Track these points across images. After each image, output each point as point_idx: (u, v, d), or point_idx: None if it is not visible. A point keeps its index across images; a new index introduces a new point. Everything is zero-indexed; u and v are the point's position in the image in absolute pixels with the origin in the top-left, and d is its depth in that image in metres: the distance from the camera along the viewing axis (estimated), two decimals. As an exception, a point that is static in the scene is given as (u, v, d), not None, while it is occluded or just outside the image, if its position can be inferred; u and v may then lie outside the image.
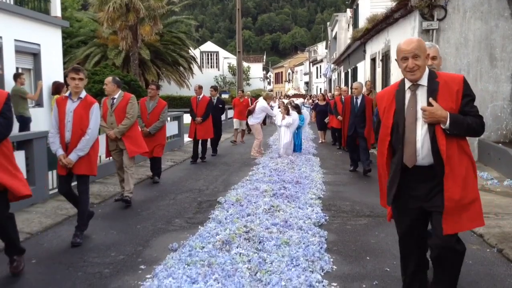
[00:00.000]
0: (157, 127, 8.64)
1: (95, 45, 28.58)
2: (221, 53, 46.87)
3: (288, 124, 11.67)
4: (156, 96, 8.86)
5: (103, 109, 6.99)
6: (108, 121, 7.01)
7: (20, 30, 11.81)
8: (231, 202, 6.74)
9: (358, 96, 9.57)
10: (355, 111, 9.49)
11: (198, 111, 11.21)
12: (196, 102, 11.30)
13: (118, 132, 6.91)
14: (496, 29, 10.37)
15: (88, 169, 5.34)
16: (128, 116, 6.94)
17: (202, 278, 3.95)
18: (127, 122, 6.92)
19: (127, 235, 5.51)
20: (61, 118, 5.21)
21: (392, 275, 4.21)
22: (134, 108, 7.04)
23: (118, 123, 6.92)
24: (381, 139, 3.39)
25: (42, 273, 4.32)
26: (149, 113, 8.67)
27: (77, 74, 5.16)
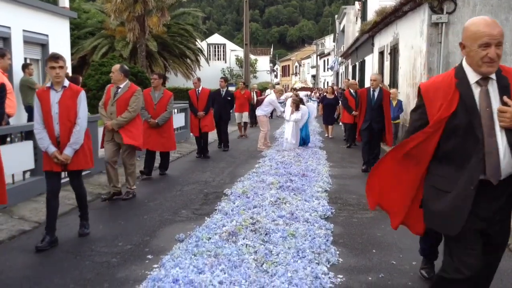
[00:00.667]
0: (165, 118, 8.39)
1: (102, 36, 28.59)
2: (228, 46, 46.79)
3: (296, 120, 11.44)
4: (160, 86, 8.52)
5: (106, 97, 6.77)
6: (108, 111, 6.70)
7: (28, 21, 11.83)
8: (238, 194, 6.76)
9: (376, 89, 8.88)
10: (371, 104, 8.82)
11: (200, 105, 10.66)
12: (196, 96, 10.71)
13: (116, 124, 6.58)
14: (506, 23, 10.26)
15: (84, 163, 5.07)
16: (130, 109, 6.61)
17: (208, 269, 3.98)
18: (127, 115, 6.60)
19: (134, 225, 5.55)
20: (46, 110, 4.78)
21: (398, 268, 4.22)
22: (138, 102, 6.73)
23: (118, 114, 6.61)
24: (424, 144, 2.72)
25: (50, 262, 4.36)
26: (156, 103, 8.36)
27: (56, 63, 4.71)
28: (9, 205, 6.05)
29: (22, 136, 6.85)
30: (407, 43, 12.32)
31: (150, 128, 8.24)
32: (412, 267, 4.25)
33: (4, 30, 10.97)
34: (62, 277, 3.99)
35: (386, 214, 5.93)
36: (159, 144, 8.43)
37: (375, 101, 8.78)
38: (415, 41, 11.48)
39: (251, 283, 3.72)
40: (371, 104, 8.79)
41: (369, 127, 8.84)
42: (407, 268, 4.22)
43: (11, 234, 5.12)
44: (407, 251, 4.66)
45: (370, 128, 8.85)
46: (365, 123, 8.90)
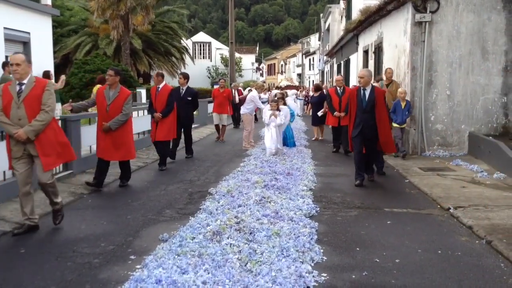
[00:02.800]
0: (119, 121, 7.14)
1: (86, 34, 28.31)
2: (213, 44, 46.67)
3: (278, 124, 10.19)
4: (117, 84, 7.34)
5: (3, 99, 5.10)
6: (13, 116, 5.05)
7: (9, 18, 11.66)
8: (222, 193, 6.73)
9: (367, 87, 7.62)
10: (362, 106, 7.53)
11: (157, 105, 9.07)
12: (155, 94, 9.18)
13: (31, 130, 5.01)
14: (488, 22, 10.39)
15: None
16: (46, 108, 5.10)
17: (192, 269, 3.95)
18: (44, 117, 5.07)
19: (117, 225, 5.49)
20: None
21: (382, 266, 4.23)
22: (53, 98, 5.27)
23: (30, 119, 5.05)
24: None
25: (30, 263, 4.29)
26: (109, 104, 7.21)
27: None
28: (-11, 205, 5.95)
29: (2, 135, 6.73)
30: (391, 42, 12.40)
31: (103, 132, 7.21)
32: (395, 264, 4.27)
33: (-16, 28, 10.80)
34: (43, 278, 3.92)
35: (370, 212, 6.01)
36: (112, 152, 7.30)
37: (367, 102, 7.53)
38: (399, 40, 11.56)
39: (235, 282, 3.70)
40: (362, 106, 7.56)
41: (362, 134, 7.57)
42: (390, 266, 4.23)
43: (-6, 233, 5.03)
44: (391, 249, 4.69)
45: (362, 135, 7.58)
46: (356, 128, 7.61)
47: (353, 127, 7.67)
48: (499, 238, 4.88)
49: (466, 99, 10.50)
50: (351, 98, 7.84)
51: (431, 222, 5.71)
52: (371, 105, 7.53)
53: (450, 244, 4.85)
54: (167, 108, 9.05)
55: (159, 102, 9.06)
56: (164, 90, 9.12)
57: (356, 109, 7.63)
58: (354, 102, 7.69)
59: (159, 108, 9.04)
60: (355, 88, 7.99)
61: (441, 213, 6.06)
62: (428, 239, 4.99)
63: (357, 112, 7.61)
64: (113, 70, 7.39)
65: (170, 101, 9.09)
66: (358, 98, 7.63)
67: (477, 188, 7.24)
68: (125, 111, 7.26)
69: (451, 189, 7.15)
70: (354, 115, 7.67)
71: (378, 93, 7.74)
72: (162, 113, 8.99)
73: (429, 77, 10.49)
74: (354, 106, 7.68)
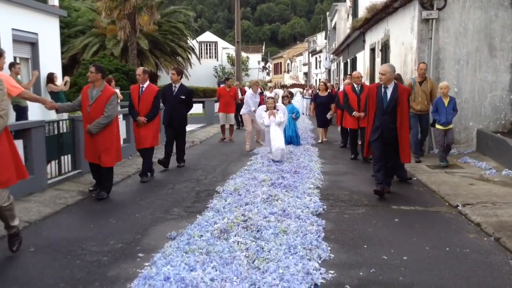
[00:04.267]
0: (99, 125, 6.47)
1: (93, 35, 28.41)
2: (220, 43, 46.65)
3: (279, 122, 9.62)
4: (101, 82, 6.66)
5: None
6: None
7: (17, 19, 11.71)
8: (229, 191, 6.75)
9: (388, 85, 6.61)
10: (382, 106, 6.58)
11: (141, 107, 7.94)
12: (138, 94, 8.03)
13: None
14: (495, 19, 10.33)
15: None
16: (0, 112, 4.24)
17: (200, 266, 3.97)
18: None
19: (126, 223, 5.52)
20: None
21: (389, 263, 4.23)
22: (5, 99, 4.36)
23: None
24: None
25: (40, 261, 4.33)
26: (90, 104, 6.57)
27: None
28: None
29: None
30: (398, 40, 12.36)
31: (87, 134, 6.69)
32: (403, 262, 4.26)
33: (-7, 29, 10.87)
34: (52, 277, 3.96)
35: (377, 210, 6.00)
36: (96, 156, 6.69)
37: (388, 102, 6.56)
38: (406, 37, 11.52)
39: (243, 279, 3.71)
40: (382, 107, 6.60)
41: (381, 138, 6.66)
42: (398, 263, 4.23)
43: (0, 234, 5.07)
44: (398, 246, 4.68)
45: (382, 139, 6.66)
46: (374, 132, 6.69)
47: (371, 130, 6.75)
48: (507, 235, 4.85)
49: (473, 96, 10.44)
50: (370, 97, 6.83)
51: (439, 219, 5.69)
52: (393, 106, 6.54)
53: (458, 241, 4.84)
54: (153, 111, 8.00)
55: (143, 103, 7.96)
56: (150, 91, 8.02)
57: (375, 110, 6.69)
58: (374, 102, 6.70)
59: (143, 110, 7.94)
60: (375, 85, 6.97)
61: (449, 211, 6.04)
62: (436, 236, 4.98)
63: (376, 113, 6.65)
64: (95, 66, 6.75)
65: (156, 103, 8.06)
66: (378, 97, 6.63)
67: (485, 185, 7.21)
68: (107, 112, 6.51)
69: (459, 187, 7.12)
70: (373, 117, 6.71)
71: (402, 92, 6.65)
72: (147, 117, 7.91)
73: (436, 74, 10.44)
74: (373, 107, 6.71)
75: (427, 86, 9.37)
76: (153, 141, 8.16)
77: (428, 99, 9.31)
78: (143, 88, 8.02)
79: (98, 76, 6.64)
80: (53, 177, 7.52)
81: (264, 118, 9.63)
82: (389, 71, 6.59)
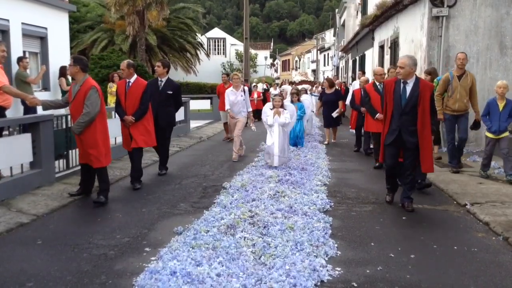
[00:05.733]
0: (80, 124, 5.87)
1: (102, 30, 28.46)
2: (228, 40, 46.64)
3: (283, 124, 8.53)
4: (81, 76, 5.99)
5: None
6: None
7: (27, 14, 11.76)
8: (236, 187, 6.75)
9: (408, 81, 5.73)
10: (400, 105, 5.73)
11: (128, 104, 7.06)
12: (125, 90, 7.14)
13: None
14: (507, 17, 10.23)
15: None
16: None
17: (206, 261, 3.97)
18: None
19: (133, 218, 5.53)
20: None
21: (396, 261, 4.20)
22: None
23: None
24: None
25: (47, 254, 4.35)
26: (71, 102, 6.07)
27: None
28: (7, 197, 6.05)
29: (20, 128, 6.84)
30: (407, 37, 12.27)
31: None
32: (410, 260, 4.23)
33: (3, 23, 10.91)
34: (59, 269, 3.98)
35: (385, 207, 5.97)
36: (84, 156, 6.22)
37: (407, 100, 5.70)
38: (416, 34, 11.44)
39: (249, 275, 3.71)
40: (399, 105, 5.75)
41: (398, 141, 5.81)
42: (405, 261, 4.20)
43: (8, 227, 5.11)
44: (406, 244, 4.66)
45: (399, 143, 5.82)
46: (390, 134, 5.84)
47: (387, 132, 5.90)
48: (516, 234, 4.81)
49: (483, 95, 10.32)
50: (387, 93, 5.94)
51: (447, 218, 5.65)
52: (412, 105, 5.68)
53: (466, 240, 4.80)
54: (141, 108, 7.11)
55: (130, 100, 7.07)
56: (137, 86, 7.12)
57: (392, 109, 5.84)
58: (391, 99, 5.85)
59: (130, 108, 7.06)
60: (392, 80, 6.03)
61: (457, 209, 5.99)
62: (444, 235, 4.94)
63: (394, 113, 5.82)
64: (73, 58, 6.11)
65: (145, 99, 7.12)
66: (396, 94, 5.79)
67: (494, 185, 7.14)
68: (86, 109, 5.86)
69: (467, 185, 7.06)
70: (390, 117, 5.87)
71: (424, 88, 5.72)
72: (135, 115, 7.04)
73: (446, 72, 10.34)
74: (390, 105, 5.86)
75: (467, 81, 7.91)
76: (149, 139, 7.30)
77: (468, 97, 7.97)
78: (130, 83, 7.12)
79: (76, 69, 5.97)
80: (61, 171, 7.56)
81: (269, 116, 8.60)
82: (409, 64, 5.67)
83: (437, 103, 7.71)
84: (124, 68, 7.14)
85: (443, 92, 8.13)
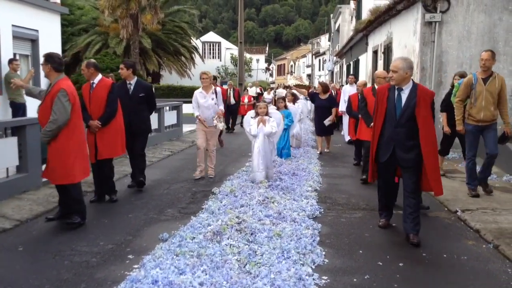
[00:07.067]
0: (46, 133, 5.10)
1: (96, 33, 28.36)
2: (223, 44, 46.67)
3: (269, 133, 7.50)
4: (54, 76, 5.25)
5: None
6: None
7: (18, 16, 11.66)
8: (226, 192, 6.65)
9: (404, 87, 4.85)
10: (395, 115, 4.87)
11: (93, 107, 6.27)
12: (89, 92, 6.35)
13: None
14: (499, 23, 10.22)
15: None
16: None
17: (190, 269, 3.87)
18: None
19: (118, 224, 5.43)
20: None
21: (385, 270, 4.12)
22: None
23: None
24: None
25: (27, 261, 4.25)
26: (39, 105, 5.32)
27: None
28: (-9, 202, 5.93)
29: (5, 132, 6.72)
30: (401, 42, 12.25)
31: None
32: (399, 268, 4.16)
33: (-7, 25, 10.82)
34: (38, 277, 3.87)
35: (375, 214, 5.89)
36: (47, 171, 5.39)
37: (402, 110, 4.83)
38: (409, 40, 11.41)
39: (233, 284, 3.62)
40: (393, 116, 4.89)
41: (392, 159, 4.94)
42: (393, 270, 4.13)
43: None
44: (395, 252, 4.58)
45: (393, 161, 4.95)
46: (384, 150, 4.98)
47: (378, 147, 5.04)
48: (506, 242, 4.75)
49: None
50: (379, 101, 5.07)
51: (438, 225, 5.58)
52: (408, 116, 4.78)
53: (456, 248, 4.73)
54: (107, 112, 6.29)
55: (95, 103, 6.27)
56: (101, 86, 6.32)
57: (383, 120, 4.97)
58: (383, 109, 4.96)
59: (95, 112, 6.26)
60: (386, 86, 5.14)
61: (448, 216, 5.93)
62: (433, 243, 4.87)
63: (386, 125, 4.95)
64: (44, 56, 5.36)
65: (110, 101, 6.31)
66: (389, 103, 4.93)
67: (485, 191, 7.08)
68: (53, 116, 5.03)
69: (459, 192, 7.00)
70: (380, 128, 5.01)
71: (423, 95, 4.82)
72: (101, 119, 6.26)
73: (438, 77, 10.34)
74: (382, 115, 4.97)
75: (494, 85, 6.54)
76: (114, 149, 6.46)
77: (496, 104, 6.60)
78: (94, 84, 6.32)
79: (48, 68, 5.24)
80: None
81: (252, 126, 7.53)
82: (403, 67, 4.77)
83: (457, 111, 6.79)
84: (83, 69, 6.39)
85: (465, 99, 6.73)
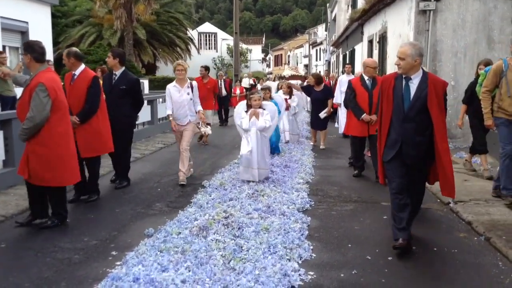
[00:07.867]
0: (23, 132, 4.73)
1: (90, 24, 28.10)
2: (219, 35, 46.27)
3: (262, 128, 6.91)
4: (35, 67, 4.83)
5: None
6: None
7: (7, 7, 11.51)
8: (215, 186, 6.57)
9: (412, 76, 4.30)
10: (403, 108, 4.30)
11: (72, 101, 5.62)
12: (70, 84, 5.87)
13: None
14: (494, 11, 10.08)
15: None
16: None
17: (173, 266, 3.79)
18: None
19: (104, 219, 5.34)
20: None
21: (373, 264, 4.04)
22: None
23: None
24: None
25: (9, 258, 4.15)
26: (18, 99, 5.05)
27: None
28: (-25, 198, 5.84)
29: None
30: (395, 31, 12.11)
31: None
32: (387, 262, 4.08)
33: (-19, 17, 10.67)
34: (18, 275, 3.78)
35: (367, 206, 5.81)
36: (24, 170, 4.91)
37: (412, 102, 4.28)
38: (403, 29, 11.27)
39: (216, 281, 3.53)
40: (401, 109, 4.32)
41: (400, 156, 4.37)
42: (382, 264, 4.04)
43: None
44: (384, 245, 4.49)
45: (402, 158, 4.37)
46: (390, 148, 4.42)
47: (385, 145, 4.48)
48: (498, 234, 4.67)
49: (471, 90, 10.20)
50: (384, 92, 4.47)
51: (430, 217, 5.50)
52: (419, 108, 4.26)
53: (447, 241, 4.65)
54: (86, 107, 5.76)
55: (74, 97, 5.72)
56: (82, 79, 5.78)
57: (391, 114, 4.40)
58: (389, 101, 4.40)
59: (75, 106, 5.70)
60: (392, 75, 4.54)
61: (440, 208, 5.85)
62: (424, 236, 4.78)
63: (393, 119, 4.38)
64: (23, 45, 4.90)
65: (91, 95, 5.75)
66: (396, 94, 4.36)
67: (479, 182, 7.01)
68: (30, 113, 4.61)
69: (452, 183, 6.91)
70: (388, 124, 4.43)
71: (434, 85, 4.26)
72: (79, 116, 5.70)
73: (433, 67, 10.21)
74: (389, 108, 4.40)
75: None
76: (98, 146, 5.97)
77: None
78: (75, 76, 5.82)
79: (28, 59, 4.82)
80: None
81: (243, 119, 6.98)
82: (411, 54, 4.21)
83: (484, 103, 5.97)
84: (64, 58, 5.85)
85: (493, 89, 5.89)
